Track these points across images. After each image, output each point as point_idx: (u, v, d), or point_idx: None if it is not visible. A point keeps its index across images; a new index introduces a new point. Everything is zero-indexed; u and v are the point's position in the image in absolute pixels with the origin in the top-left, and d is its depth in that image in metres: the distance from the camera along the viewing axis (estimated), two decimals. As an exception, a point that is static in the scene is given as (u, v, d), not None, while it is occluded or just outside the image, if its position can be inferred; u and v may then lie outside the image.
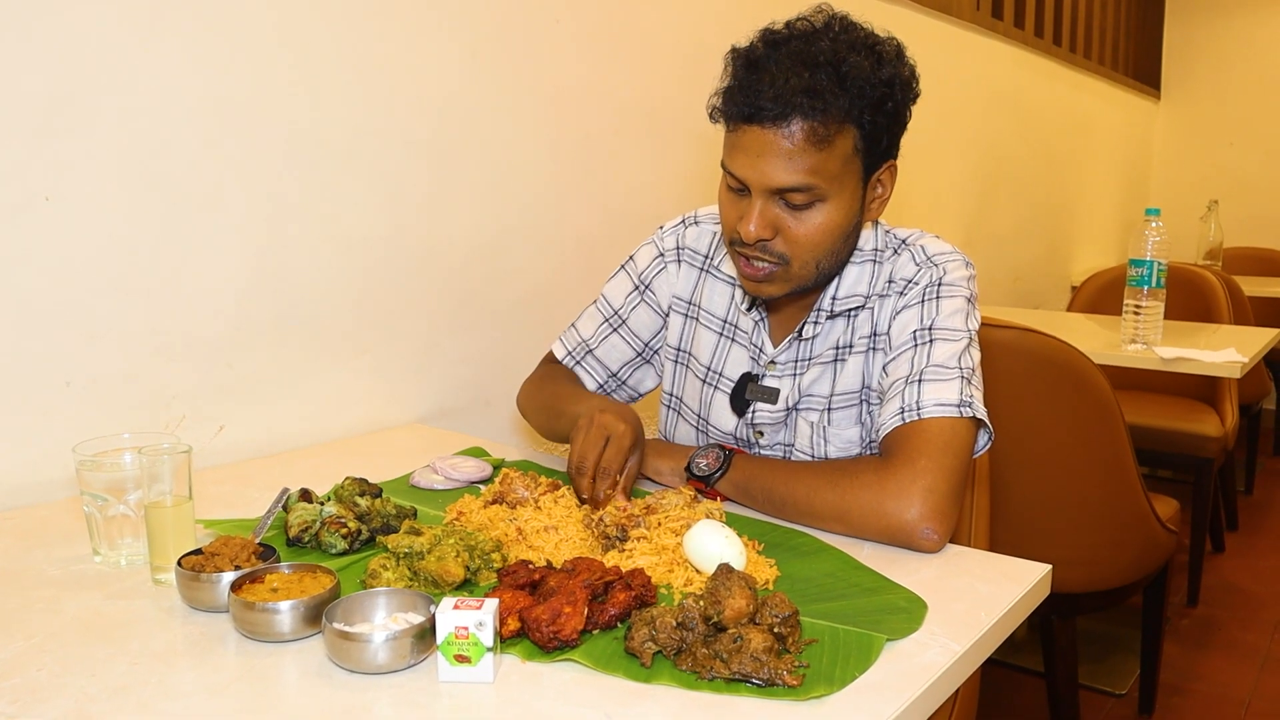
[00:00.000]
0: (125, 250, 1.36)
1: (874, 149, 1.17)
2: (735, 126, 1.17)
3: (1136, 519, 1.95)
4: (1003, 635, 0.96)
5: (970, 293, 1.27)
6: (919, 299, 1.25)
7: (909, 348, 1.22)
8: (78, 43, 1.28)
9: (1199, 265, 3.59)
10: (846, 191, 1.17)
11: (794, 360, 1.32)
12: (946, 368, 1.18)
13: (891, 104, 1.16)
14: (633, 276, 1.46)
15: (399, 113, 1.68)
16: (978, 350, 1.25)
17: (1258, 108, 5.43)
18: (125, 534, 1.07)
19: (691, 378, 1.42)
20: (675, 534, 1.06)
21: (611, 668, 0.83)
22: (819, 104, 1.10)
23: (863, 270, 1.29)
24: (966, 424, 1.16)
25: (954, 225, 3.64)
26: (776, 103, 1.11)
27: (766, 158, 1.13)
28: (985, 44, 3.68)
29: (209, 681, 0.82)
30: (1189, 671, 2.53)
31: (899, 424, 1.16)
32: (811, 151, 1.12)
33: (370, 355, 1.69)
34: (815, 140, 1.12)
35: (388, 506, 1.15)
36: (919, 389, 1.17)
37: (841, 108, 1.12)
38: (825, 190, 1.15)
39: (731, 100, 1.16)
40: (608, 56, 2.06)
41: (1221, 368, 2.28)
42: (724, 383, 1.37)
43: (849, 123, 1.14)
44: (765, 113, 1.12)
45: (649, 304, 1.45)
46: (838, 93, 1.11)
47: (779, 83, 1.11)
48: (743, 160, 1.16)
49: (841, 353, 1.30)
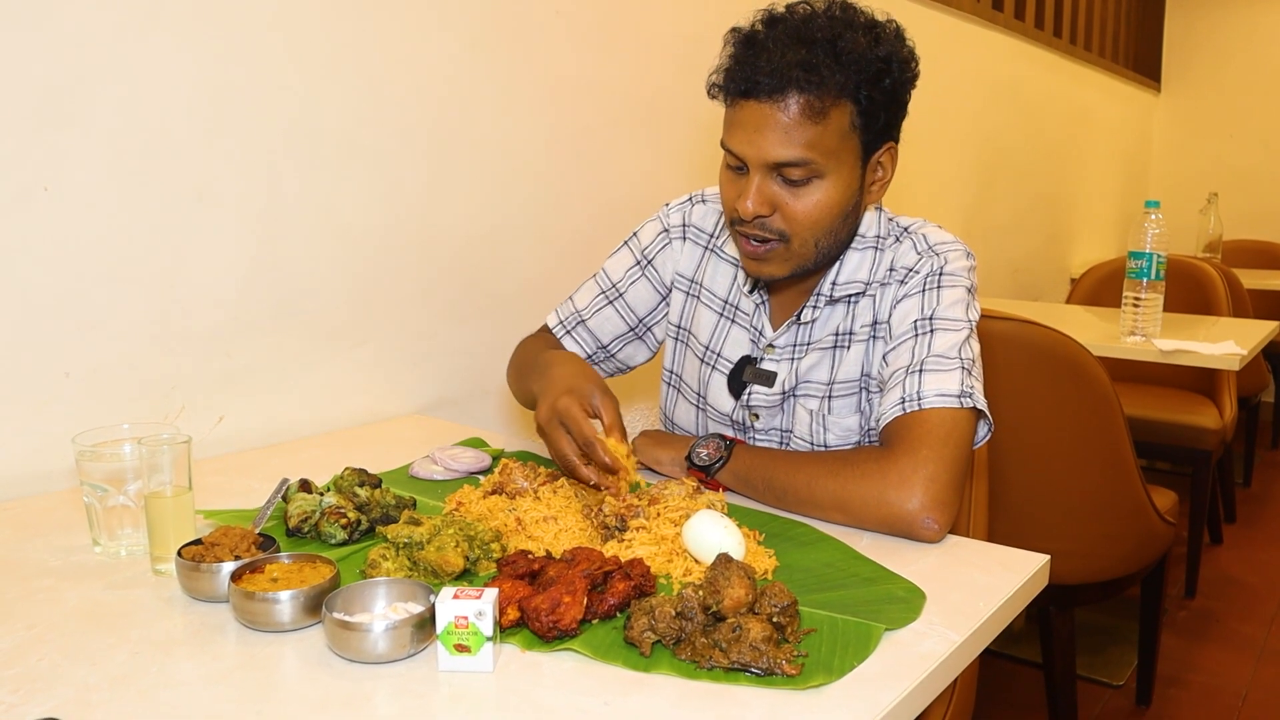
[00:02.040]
0: (124, 240, 1.35)
1: (871, 126, 1.17)
2: (733, 102, 1.18)
3: (1134, 511, 1.95)
4: (1001, 625, 0.96)
5: (971, 283, 1.27)
6: (920, 288, 1.24)
7: (909, 337, 1.22)
8: (76, 33, 1.28)
9: (1198, 258, 3.59)
10: (845, 169, 1.18)
11: (793, 344, 1.32)
12: (947, 358, 1.18)
13: (889, 81, 1.16)
14: (635, 251, 1.46)
15: (397, 103, 1.68)
16: (977, 342, 1.24)
17: (1258, 100, 5.42)
18: (125, 524, 1.07)
19: (691, 356, 1.42)
20: (674, 524, 1.06)
21: (611, 657, 0.84)
22: (815, 78, 1.11)
23: (864, 257, 1.29)
24: (967, 415, 1.16)
25: (954, 216, 3.63)
26: (773, 77, 1.12)
27: (763, 132, 1.14)
28: (985, 36, 3.68)
29: (209, 671, 0.82)
30: (1186, 663, 2.54)
31: (899, 414, 1.16)
32: (807, 125, 1.13)
33: (369, 346, 1.69)
34: (811, 114, 1.12)
35: (387, 497, 1.15)
36: (920, 379, 1.17)
37: (837, 82, 1.13)
38: (822, 166, 1.16)
39: (730, 76, 1.17)
40: (606, 48, 2.05)
41: (1220, 360, 2.28)
42: (722, 363, 1.37)
43: (845, 98, 1.14)
44: (761, 87, 1.13)
45: (649, 279, 1.45)
46: (834, 67, 1.12)
47: (775, 58, 1.12)
48: (740, 136, 1.17)
49: (842, 339, 1.30)
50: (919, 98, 1.22)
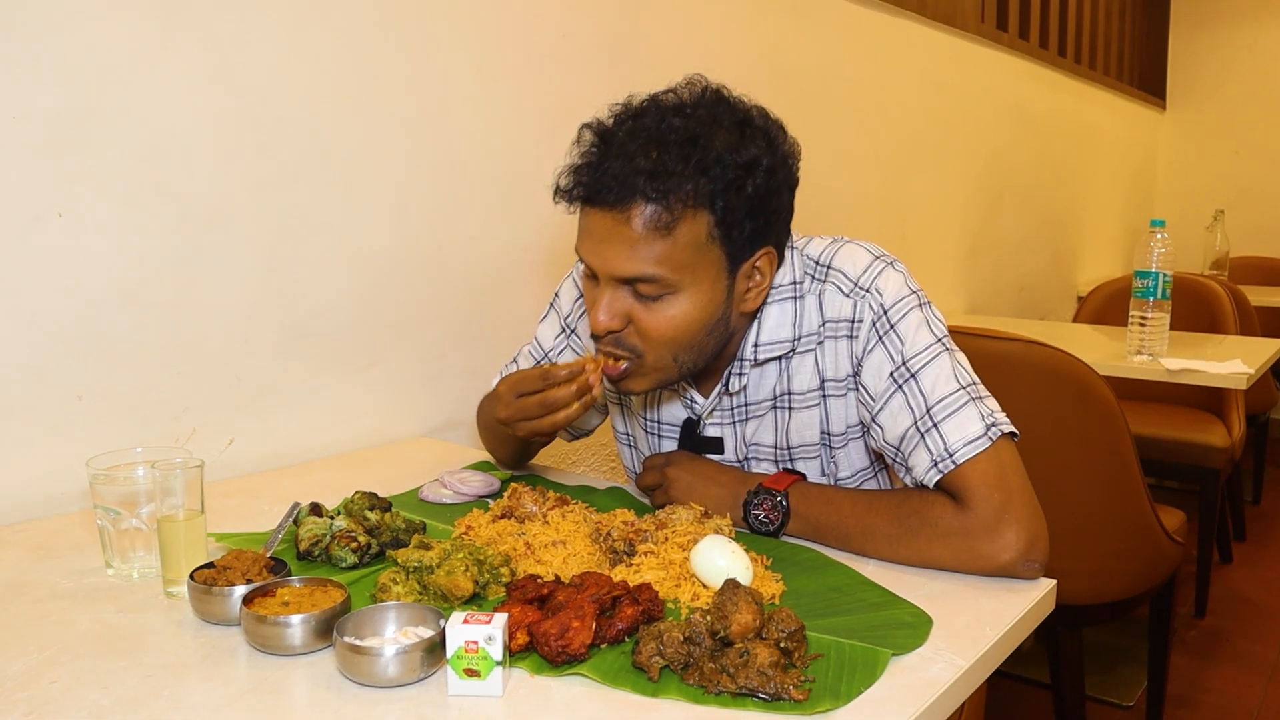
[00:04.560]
0: (136, 264, 1.37)
1: (735, 236, 1.08)
2: (579, 208, 1.10)
3: (1142, 530, 1.95)
4: (1007, 650, 0.96)
5: (918, 299, 1.16)
6: (874, 338, 1.15)
7: (894, 391, 1.14)
8: (89, 60, 1.30)
9: (1205, 275, 3.58)
10: (705, 282, 1.09)
11: (730, 409, 1.26)
12: (949, 395, 1.11)
13: (751, 188, 1.07)
14: (559, 318, 1.41)
15: (406, 127, 1.69)
16: (959, 350, 1.16)
17: (1263, 116, 5.43)
18: (138, 547, 1.08)
19: (635, 423, 1.38)
20: (682, 549, 1.07)
21: (619, 682, 0.84)
22: (661, 186, 1.03)
23: (784, 310, 1.19)
24: (1003, 442, 1.10)
25: (960, 236, 3.64)
26: (617, 184, 1.03)
27: (610, 244, 1.06)
28: (990, 56, 3.70)
29: (221, 694, 0.83)
30: (1196, 683, 2.52)
31: (939, 477, 1.10)
32: (655, 239, 1.04)
33: (378, 368, 1.70)
34: (659, 227, 1.04)
35: (397, 521, 1.15)
36: (939, 434, 1.10)
37: (688, 191, 1.04)
38: (675, 281, 1.07)
39: (575, 179, 1.08)
40: (613, 70, 2.07)
41: (1227, 379, 2.28)
42: (666, 429, 1.32)
43: (701, 207, 1.05)
44: (605, 195, 1.05)
45: (573, 348, 1.39)
46: (685, 174, 1.03)
47: (622, 163, 1.04)
48: (588, 245, 1.09)
49: (781, 400, 1.23)
50: (923, 115, 1.22)
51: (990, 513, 1.05)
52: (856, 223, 2.97)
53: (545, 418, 1.18)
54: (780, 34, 1.14)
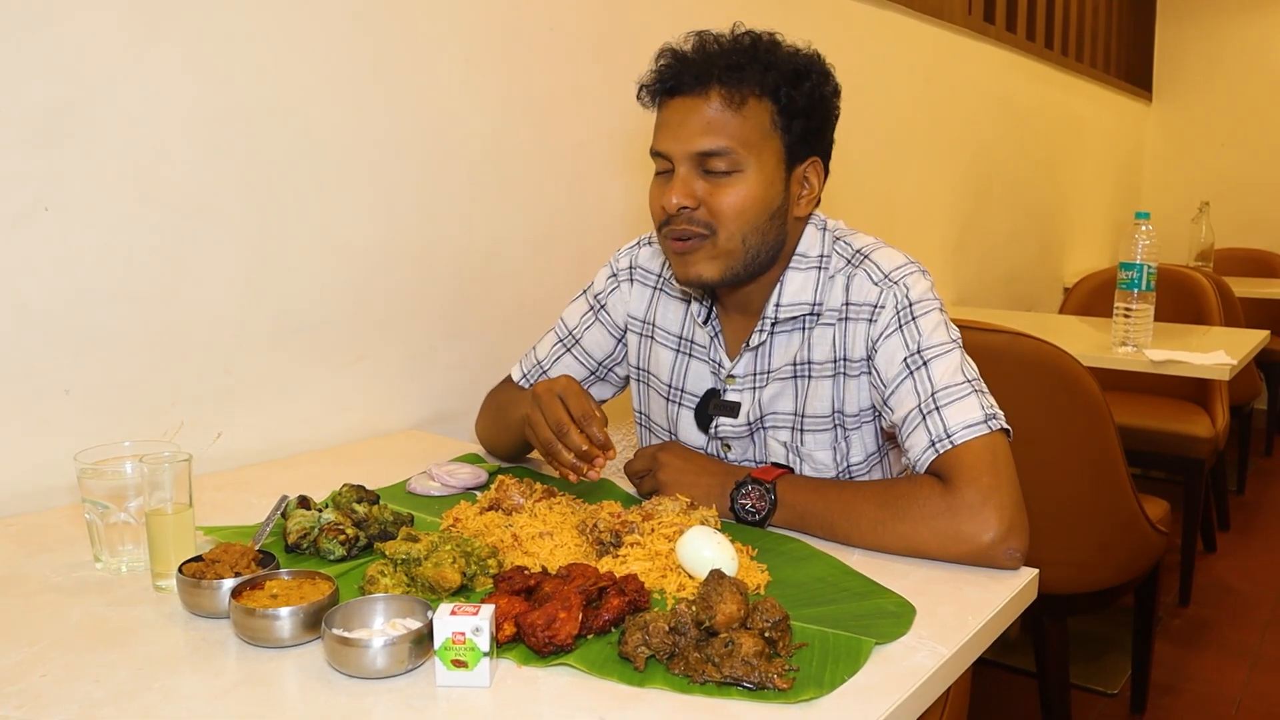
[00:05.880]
0: (123, 258, 1.37)
1: (792, 129, 1.22)
2: (660, 103, 1.25)
3: (1127, 521, 1.97)
4: (990, 639, 0.98)
5: (939, 303, 1.26)
6: (894, 325, 1.23)
7: (905, 377, 1.20)
8: (76, 53, 1.29)
9: (1190, 267, 3.61)
10: (767, 167, 1.21)
11: (752, 374, 1.32)
12: (955, 385, 1.17)
13: (809, 84, 1.22)
14: (589, 298, 1.49)
15: (394, 120, 1.70)
16: (969, 357, 1.24)
17: (1249, 109, 5.46)
18: (126, 541, 1.09)
19: (655, 396, 1.43)
20: (668, 540, 1.07)
21: (606, 672, 0.85)
22: (735, 75, 1.19)
23: (807, 278, 1.29)
24: (999, 435, 1.15)
25: (947, 228, 3.66)
26: (696, 74, 1.20)
27: (687, 125, 1.20)
28: (977, 48, 3.71)
29: (210, 687, 0.83)
30: (1180, 671, 2.55)
31: (934, 456, 1.15)
32: (728, 115, 1.19)
33: (366, 361, 1.71)
34: (731, 105, 1.19)
35: (385, 513, 1.16)
36: (940, 416, 1.16)
37: (756, 78, 1.19)
38: (743, 158, 1.20)
39: (657, 78, 1.24)
40: (601, 64, 2.07)
41: (1211, 370, 2.30)
42: (688, 399, 1.38)
43: (764, 95, 1.20)
44: (685, 84, 1.20)
45: (603, 323, 1.46)
46: (753, 66, 1.20)
47: (700, 57, 1.21)
48: (665, 133, 1.23)
49: (801, 369, 1.29)
50: (911, 109, 1.25)
51: (976, 494, 1.10)
52: (844, 214, 2.95)
53: (542, 447, 1.23)
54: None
